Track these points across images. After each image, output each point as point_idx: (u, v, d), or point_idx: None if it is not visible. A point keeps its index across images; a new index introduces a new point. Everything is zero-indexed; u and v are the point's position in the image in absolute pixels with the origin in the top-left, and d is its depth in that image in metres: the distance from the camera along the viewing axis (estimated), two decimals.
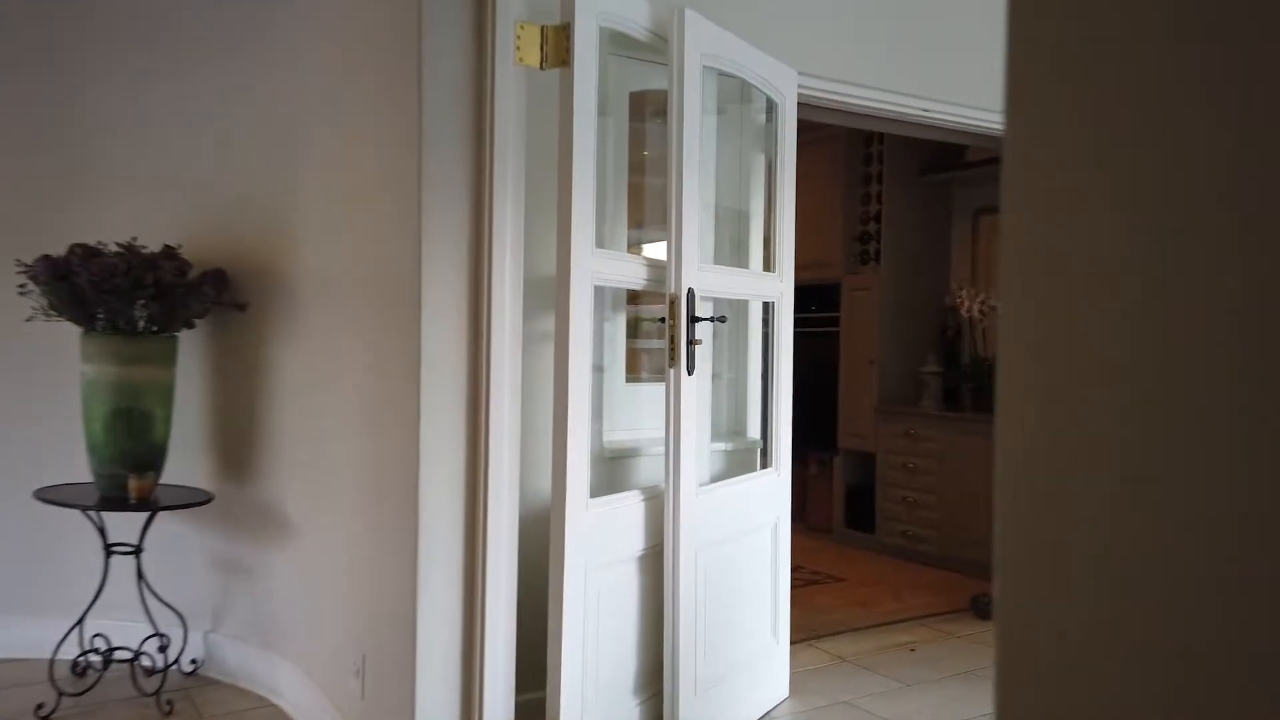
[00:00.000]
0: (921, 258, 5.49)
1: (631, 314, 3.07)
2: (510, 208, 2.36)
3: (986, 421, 4.76)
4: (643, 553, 2.56)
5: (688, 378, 2.55)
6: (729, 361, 3.22)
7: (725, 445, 3.12)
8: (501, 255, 2.34)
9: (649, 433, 2.94)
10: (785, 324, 3.08)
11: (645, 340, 3.13)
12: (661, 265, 2.58)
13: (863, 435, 5.44)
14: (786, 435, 3.10)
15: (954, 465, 4.95)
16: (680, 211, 2.53)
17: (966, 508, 4.87)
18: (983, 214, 5.41)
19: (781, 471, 3.08)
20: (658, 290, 2.60)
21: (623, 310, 2.97)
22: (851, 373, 5.51)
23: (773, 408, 3.09)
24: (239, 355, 3.30)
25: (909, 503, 5.17)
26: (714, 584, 2.73)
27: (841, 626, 3.93)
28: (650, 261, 2.60)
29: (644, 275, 2.57)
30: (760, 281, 3.04)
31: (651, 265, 2.60)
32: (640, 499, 2.56)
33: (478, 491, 2.28)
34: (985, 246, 5.40)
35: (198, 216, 3.36)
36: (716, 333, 3.12)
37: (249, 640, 3.23)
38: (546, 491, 2.40)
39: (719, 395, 3.19)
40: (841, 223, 5.54)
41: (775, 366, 3.08)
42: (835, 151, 5.56)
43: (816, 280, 5.68)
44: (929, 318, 5.50)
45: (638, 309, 3.10)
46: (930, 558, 5.05)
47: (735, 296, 2.98)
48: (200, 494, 3.13)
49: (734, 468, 3.13)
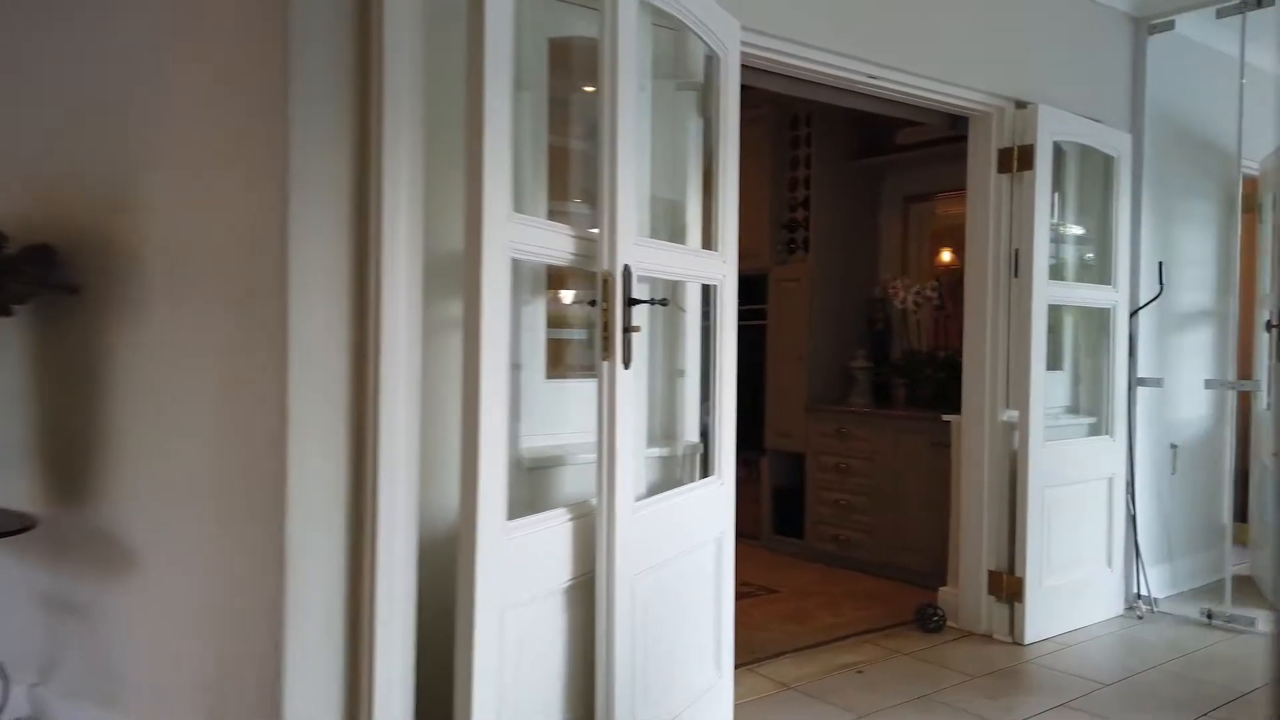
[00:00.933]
0: (851, 247, 5.21)
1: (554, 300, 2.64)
2: (405, 165, 1.90)
3: (920, 418, 4.49)
4: (571, 583, 2.12)
5: (623, 372, 2.13)
6: (663, 354, 2.81)
7: (661, 450, 2.71)
8: (394, 224, 1.87)
9: (575, 438, 2.51)
10: (729, 310, 2.70)
11: (570, 330, 2.69)
12: (591, 239, 2.15)
13: (792, 434, 5.12)
14: (730, 438, 2.72)
15: (887, 465, 4.67)
16: (615, 171, 2.11)
17: (900, 511, 4.60)
18: (913, 202, 5.16)
19: (725, 479, 2.69)
20: (586, 268, 2.18)
21: (542, 294, 2.53)
22: (779, 368, 5.19)
23: (715, 406, 2.70)
24: (70, 348, 2.71)
25: (841, 506, 4.88)
26: (653, 616, 2.32)
27: (782, 646, 3.57)
28: (579, 234, 2.17)
29: (570, 249, 2.14)
30: (702, 261, 2.64)
31: (580, 238, 2.16)
32: (567, 519, 2.13)
33: (365, 514, 1.81)
34: (916, 236, 5.16)
35: (20, 182, 2.76)
36: (650, 321, 2.71)
37: (85, 695, 2.65)
38: (455, 510, 1.94)
39: (652, 393, 2.78)
40: (768, 210, 5.21)
41: (717, 359, 2.69)
42: (761, 134, 5.22)
43: (743, 271, 5.31)
44: (859, 310, 5.23)
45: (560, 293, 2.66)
46: (864, 564, 4.77)
47: (675, 276, 2.58)
48: (19, 518, 2.54)
49: (671, 476, 2.72)
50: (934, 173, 5.02)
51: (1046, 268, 3.67)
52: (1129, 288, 4.08)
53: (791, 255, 5.18)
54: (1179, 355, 4.48)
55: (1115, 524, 4.02)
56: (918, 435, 4.52)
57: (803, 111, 5.12)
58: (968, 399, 3.85)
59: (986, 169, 3.77)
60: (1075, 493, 3.85)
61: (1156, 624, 3.93)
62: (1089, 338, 4.19)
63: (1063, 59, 3.89)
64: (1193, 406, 4.59)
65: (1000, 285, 3.77)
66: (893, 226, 5.26)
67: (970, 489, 3.81)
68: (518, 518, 1.98)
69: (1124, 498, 4.05)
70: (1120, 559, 4.04)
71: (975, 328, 3.82)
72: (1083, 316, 4.16)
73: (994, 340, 3.77)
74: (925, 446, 4.48)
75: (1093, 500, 3.94)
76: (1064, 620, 3.79)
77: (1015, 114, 3.70)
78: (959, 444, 3.90)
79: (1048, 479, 3.70)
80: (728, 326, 2.70)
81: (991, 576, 3.74)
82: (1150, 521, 4.27)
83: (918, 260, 5.13)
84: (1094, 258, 4.11)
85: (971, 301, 3.84)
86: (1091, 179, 4.11)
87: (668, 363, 2.86)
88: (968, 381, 3.86)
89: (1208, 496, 4.71)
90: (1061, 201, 4.01)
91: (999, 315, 3.76)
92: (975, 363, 3.82)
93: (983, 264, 3.80)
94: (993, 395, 3.77)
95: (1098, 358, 4.14)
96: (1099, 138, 3.89)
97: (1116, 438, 4.02)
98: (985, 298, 3.78)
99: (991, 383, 3.77)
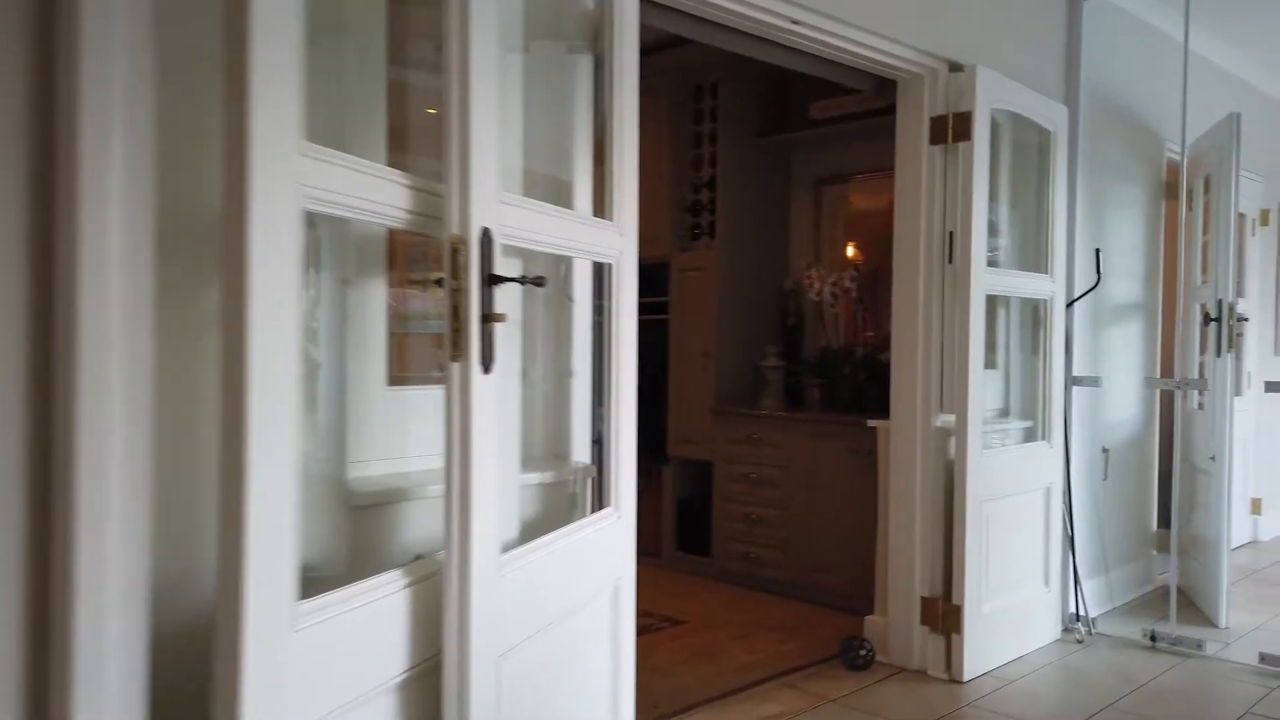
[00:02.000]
0: (762, 233, 4.72)
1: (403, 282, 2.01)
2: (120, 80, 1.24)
3: (840, 422, 4.03)
4: (406, 677, 1.51)
5: (481, 377, 1.53)
6: (544, 353, 2.21)
7: (541, 477, 2.11)
8: (99, 168, 1.21)
9: (430, 463, 1.89)
10: (627, 295, 2.12)
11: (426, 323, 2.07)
12: (437, 194, 1.54)
13: (697, 441, 4.60)
14: (629, 458, 2.14)
15: (802, 475, 4.20)
16: (468, 94, 1.50)
17: (818, 526, 4.13)
18: (825, 184, 4.71)
19: (624, 512, 2.12)
20: (430, 233, 1.56)
21: (380, 271, 1.90)
22: (683, 368, 4.66)
23: (610, 418, 2.12)
24: None
25: (751, 520, 4.38)
26: (527, 705, 1.72)
27: (691, 696, 3.03)
28: (420, 184, 1.55)
29: (404, 203, 1.52)
30: (592, 233, 2.05)
31: (423, 191, 1.55)
32: (401, 584, 1.51)
33: (50, 605, 1.16)
34: (829, 223, 4.70)
35: None
36: (527, 309, 2.11)
37: None
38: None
39: (530, 403, 2.19)
40: (669, 191, 4.67)
41: (613, 359, 2.11)
42: (660, 106, 4.67)
43: (642, 258, 4.76)
44: (771, 303, 4.74)
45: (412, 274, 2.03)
46: (778, 586, 4.28)
47: (557, 249, 1.97)
48: None
49: (555, 511, 2.13)
50: (850, 153, 4.58)
51: (985, 253, 3.24)
52: (1065, 277, 3.71)
53: (696, 241, 4.66)
54: (1109, 351, 4.15)
55: (1052, 539, 3.63)
56: (837, 441, 4.05)
57: (707, 81, 4.60)
58: (897, 401, 3.39)
59: (918, 140, 3.31)
60: (1013, 506, 3.44)
61: (1098, 649, 3.56)
62: (1023, 332, 3.80)
63: (1000, 20, 3.47)
64: (1122, 407, 4.28)
65: (933, 273, 3.32)
66: (804, 212, 4.80)
67: (900, 504, 3.35)
68: (323, 593, 1.35)
69: (1061, 510, 3.68)
70: (1057, 577, 3.66)
71: (905, 321, 3.36)
72: (1016, 309, 3.76)
73: (926, 335, 3.32)
74: (845, 454, 4.02)
75: (1030, 513, 3.54)
76: (1003, 650, 3.37)
77: (950, 78, 3.26)
78: (886, 452, 3.44)
79: (987, 491, 3.27)
80: (626, 316, 2.12)
81: (925, 604, 3.29)
82: (1084, 533, 3.91)
83: (831, 249, 4.68)
84: (1027, 245, 3.72)
85: (901, 291, 3.38)
86: (1024, 157, 3.71)
87: (551, 364, 2.27)
88: (897, 382, 3.39)
89: (1138, 503, 4.41)
90: (993, 181, 3.60)
91: (932, 307, 3.31)
92: (905, 361, 3.36)
93: (913, 249, 3.34)
94: (925, 397, 3.32)
95: (1032, 354, 3.75)
96: (1038, 109, 3.48)
97: (1054, 443, 3.64)
98: (916, 287, 3.33)
99: (924, 383, 3.32)
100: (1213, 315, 3.85)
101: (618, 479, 2.10)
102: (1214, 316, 3.84)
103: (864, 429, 3.68)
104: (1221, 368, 3.80)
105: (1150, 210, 4.42)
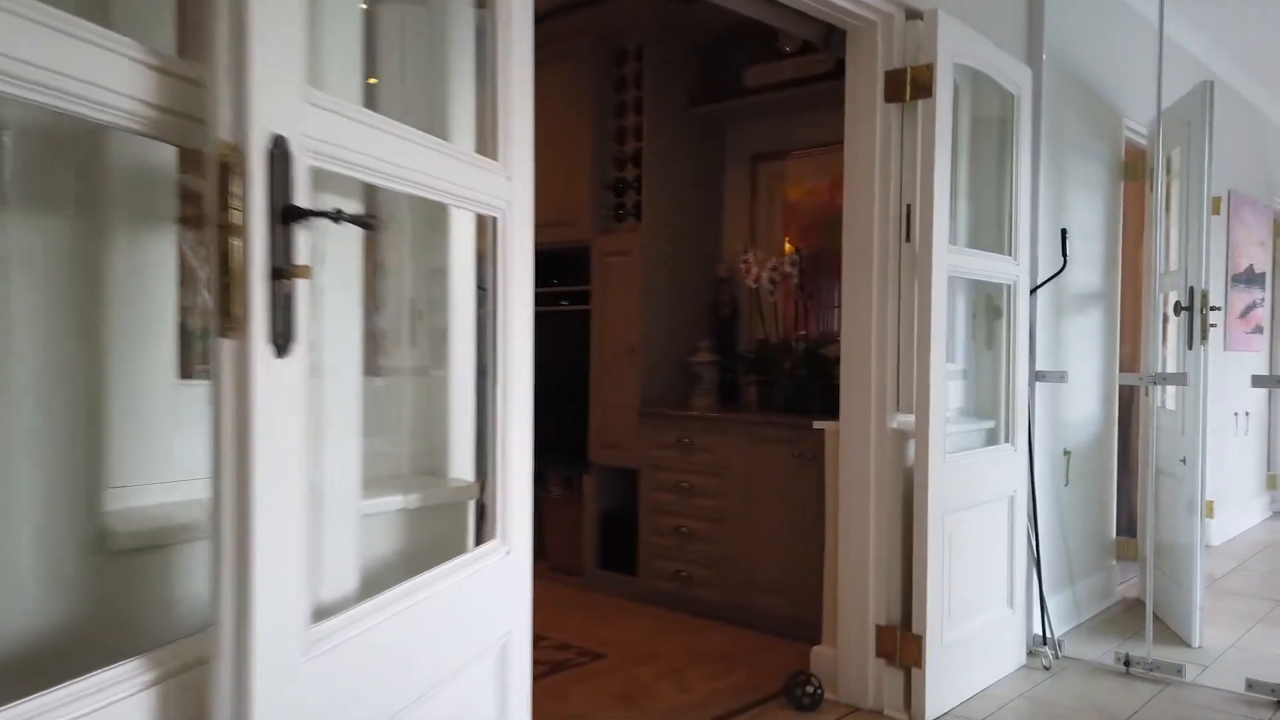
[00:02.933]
0: (692, 214, 4.26)
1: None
2: None
3: (780, 424, 3.58)
4: None
5: (271, 360, 1.01)
6: (410, 337, 1.69)
7: (401, 501, 1.58)
8: None
9: None
10: (518, 260, 1.60)
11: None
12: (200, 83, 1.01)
13: (621, 446, 4.10)
14: (522, 476, 1.63)
15: (739, 484, 3.73)
16: None
17: (757, 541, 3.67)
18: (763, 160, 4.27)
19: (514, 545, 1.60)
20: (197, 146, 1.03)
21: (168, 217, 1.35)
22: (606, 364, 4.16)
23: (497, 426, 1.60)
24: None
25: (682, 534, 3.90)
26: None
27: None
28: (174, 68, 1.01)
29: (145, 92, 0.98)
30: (470, 172, 1.53)
31: (171, 77, 1.01)
32: (143, 681, 0.97)
33: None
34: (766, 203, 4.26)
35: None
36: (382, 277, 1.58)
37: None
38: None
39: (390, 402, 1.66)
40: (589, 167, 4.17)
41: (501, 346, 1.59)
42: (578, 73, 4.18)
43: (559, 243, 4.27)
44: (703, 291, 4.28)
45: None
46: (712, 608, 3.81)
47: (413, 189, 1.44)
48: None
49: (423, 543, 1.61)
50: (789, 126, 4.14)
51: (948, 228, 2.82)
52: (1030, 260, 3.32)
53: (620, 223, 4.16)
54: (1067, 343, 3.80)
55: (1017, 554, 3.24)
56: (778, 445, 3.60)
57: (630, 44, 4.12)
58: (847, 400, 2.95)
59: (870, 99, 2.87)
60: (977, 518, 3.03)
61: (1068, 677, 3.17)
62: (977, 322, 3.41)
63: None
64: (1083, 405, 3.93)
65: (889, 252, 2.89)
66: (740, 190, 4.35)
67: (851, 518, 2.91)
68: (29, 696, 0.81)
69: (1025, 520, 3.29)
70: (1022, 596, 3.27)
71: (856, 309, 2.92)
72: (977, 295, 3.37)
73: (881, 324, 2.88)
74: (787, 459, 3.57)
75: (994, 526, 3.14)
76: (967, 683, 2.95)
77: (907, 26, 2.83)
78: (835, 459, 3.00)
79: (950, 502, 2.85)
80: (518, 288, 1.61)
81: (881, 634, 2.85)
82: (1048, 544, 3.54)
83: (769, 232, 4.24)
84: (987, 224, 3.32)
85: (851, 275, 2.94)
86: (984, 127, 3.32)
87: (424, 351, 1.74)
88: (847, 378, 2.95)
89: (1099, 509, 4.07)
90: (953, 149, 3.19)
91: (887, 291, 2.88)
92: (856, 354, 2.92)
93: (866, 225, 2.90)
94: (880, 395, 2.88)
95: (987, 347, 3.36)
96: (1002, 68, 3.08)
97: (1018, 446, 3.25)
98: (869, 269, 2.89)
99: (878, 379, 2.88)
100: (1184, 304, 3.51)
101: (506, 503, 1.58)
102: (1185, 305, 3.51)
103: (808, 431, 3.24)
104: (1194, 361, 3.46)
105: (1110, 191, 4.09)
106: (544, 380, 4.86)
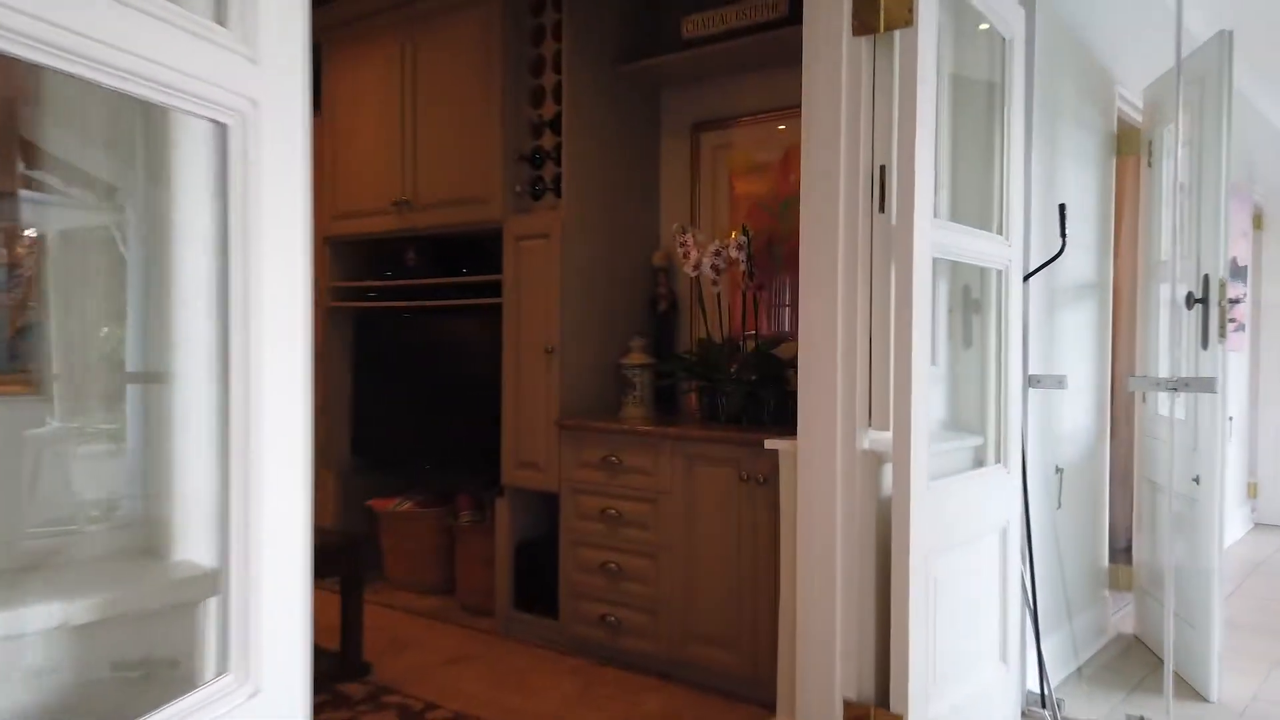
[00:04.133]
0: (622, 190, 3.63)
1: None
2: None
3: (726, 440, 2.96)
4: None
5: None
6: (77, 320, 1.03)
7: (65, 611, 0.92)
8: None
9: None
10: (279, 208, 0.95)
11: None
12: None
13: (539, 465, 3.45)
14: (298, 560, 0.98)
15: (678, 512, 3.10)
16: None
17: (698, 581, 3.05)
18: (705, 128, 3.65)
19: (265, 686, 0.95)
20: None
21: None
22: (520, 368, 3.50)
23: (235, 481, 0.94)
24: None
25: (610, 572, 3.26)
26: None
27: None
28: None
29: None
30: (181, 49, 0.87)
31: None
32: None
33: None
34: (710, 177, 3.65)
35: None
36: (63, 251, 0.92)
37: None
38: None
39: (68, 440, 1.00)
40: (500, 135, 3.51)
41: (240, 342, 0.94)
42: (486, 24, 3.53)
43: (464, 225, 3.61)
44: (635, 282, 3.65)
45: None
46: (646, 661, 3.18)
47: (51, 57, 0.77)
48: None
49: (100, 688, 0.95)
50: (736, 88, 3.54)
51: (932, 197, 2.22)
52: (1023, 241, 2.76)
53: (537, 200, 3.52)
54: (1059, 342, 3.25)
55: (1010, 598, 2.66)
56: (722, 466, 2.98)
57: None
58: (807, 414, 2.34)
59: (835, 33, 2.27)
60: (964, 558, 2.45)
61: None
62: (958, 316, 2.83)
63: None
64: (1074, 414, 3.38)
65: (857, 227, 2.29)
66: (678, 163, 3.73)
67: (814, 565, 2.30)
68: None
69: (1018, 557, 2.72)
70: (1016, 649, 2.69)
71: (819, 298, 2.32)
72: (953, 284, 2.79)
73: (849, 318, 2.28)
74: (733, 483, 2.95)
75: (986, 566, 2.56)
76: None
77: None
78: (792, 488, 2.39)
79: (934, 541, 2.26)
80: (276, 247, 0.96)
81: (851, 713, 2.24)
82: (1043, 581, 2.98)
83: (712, 214, 3.63)
84: (970, 198, 2.74)
85: (812, 255, 2.33)
86: (968, 79, 2.74)
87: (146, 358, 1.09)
88: (806, 386, 2.35)
89: (1092, 534, 3.53)
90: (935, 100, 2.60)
91: (857, 276, 2.28)
92: (819, 355, 2.32)
93: (829, 193, 2.30)
94: (848, 407, 2.28)
95: (970, 346, 2.79)
96: (992, 3, 2.50)
97: (1010, 467, 2.67)
98: (834, 248, 2.29)
99: (846, 388, 2.28)
100: (1197, 296, 2.98)
101: (252, 605, 0.93)
102: (1199, 297, 2.97)
103: (759, 449, 2.64)
104: (1210, 363, 2.93)
105: (1103, 166, 3.55)
106: (445, 388, 4.14)
